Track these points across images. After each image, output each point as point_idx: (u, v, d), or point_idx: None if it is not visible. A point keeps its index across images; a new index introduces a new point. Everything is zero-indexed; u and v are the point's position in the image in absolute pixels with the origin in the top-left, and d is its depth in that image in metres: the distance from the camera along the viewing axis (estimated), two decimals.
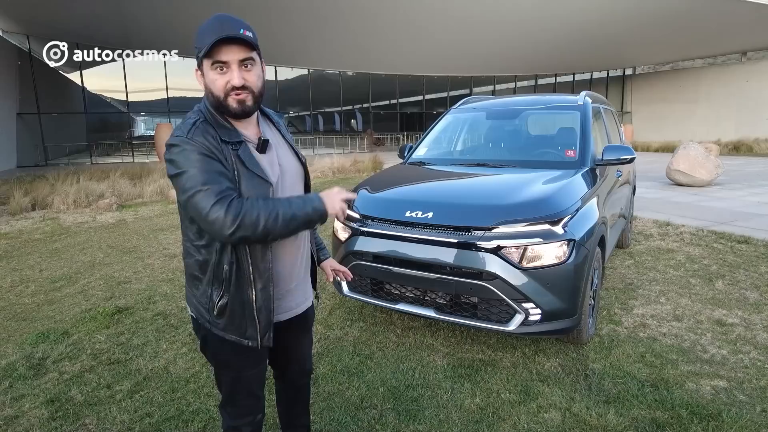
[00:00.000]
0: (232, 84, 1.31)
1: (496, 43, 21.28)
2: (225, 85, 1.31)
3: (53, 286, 4.40)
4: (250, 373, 1.54)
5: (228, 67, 1.31)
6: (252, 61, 1.34)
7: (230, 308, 1.40)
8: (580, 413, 2.33)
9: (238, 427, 1.57)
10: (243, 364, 1.51)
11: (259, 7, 15.40)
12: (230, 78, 1.31)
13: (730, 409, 2.33)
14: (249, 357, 1.50)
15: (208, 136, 1.30)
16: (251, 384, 1.56)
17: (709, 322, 3.36)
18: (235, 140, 1.34)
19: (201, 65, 1.34)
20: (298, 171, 1.56)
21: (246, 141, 1.38)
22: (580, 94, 4.15)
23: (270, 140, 1.45)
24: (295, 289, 1.57)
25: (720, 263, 4.65)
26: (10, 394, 2.60)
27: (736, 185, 10.19)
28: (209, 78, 1.33)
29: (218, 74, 1.32)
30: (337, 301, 3.87)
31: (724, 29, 20.50)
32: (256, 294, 1.40)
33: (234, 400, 1.56)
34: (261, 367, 1.58)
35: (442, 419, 2.34)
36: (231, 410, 1.57)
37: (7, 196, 8.78)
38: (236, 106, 1.33)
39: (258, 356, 1.54)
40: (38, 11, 15.65)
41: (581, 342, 2.99)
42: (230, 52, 1.29)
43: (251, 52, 1.33)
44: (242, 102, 1.33)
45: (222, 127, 1.35)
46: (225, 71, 1.31)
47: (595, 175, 3.40)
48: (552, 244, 2.61)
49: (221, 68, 1.31)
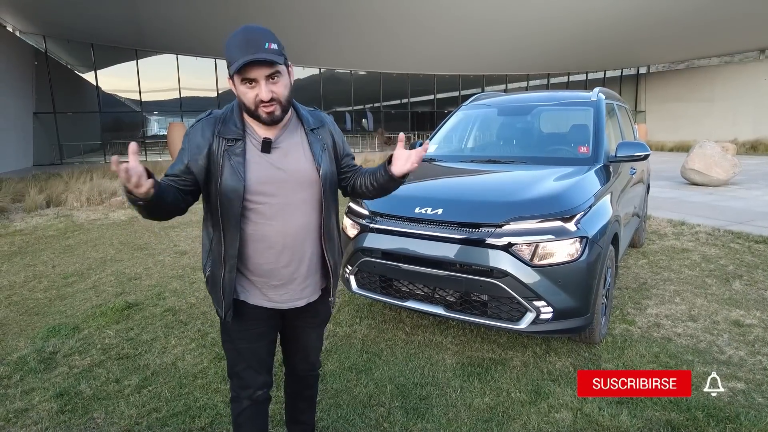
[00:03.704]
0: (261, 98, 1.42)
1: (508, 41, 21.12)
2: (254, 98, 1.43)
3: (65, 282, 4.45)
4: (245, 346, 1.65)
5: (256, 83, 1.42)
6: (278, 73, 1.44)
7: (211, 280, 1.60)
8: (592, 414, 2.28)
9: (239, 397, 1.70)
10: (239, 337, 1.65)
11: (271, 7, 15.47)
12: (258, 92, 1.42)
13: (748, 412, 2.26)
14: (245, 331, 1.63)
15: (205, 131, 1.50)
16: (249, 358, 1.66)
17: (726, 322, 3.28)
18: (231, 137, 1.49)
19: (232, 77, 1.44)
20: (306, 179, 1.56)
21: (250, 140, 1.51)
22: (594, 90, 4.08)
23: (281, 144, 1.54)
24: (282, 287, 1.61)
25: (737, 263, 4.54)
26: (21, 387, 2.62)
27: (753, 185, 9.98)
28: (240, 90, 1.45)
29: (248, 88, 1.43)
30: (345, 299, 3.85)
31: (741, 26, 20.09)
32: (224, 274, 1.55)
33: (234, 369, 1.69)
34: (259, 345, 1.67)
35: (450, 418, 2.30)
36: (234, 380, 1.71)
37: (23, 194, 8.93)
38: (266, 117, 1.46)
39: (254, 336, 1.65)
40: (54, 12, 15.88)
41: (593, 341, 2.93)
42: (257, 71, 1.40)
43: (277, 66, 1.43)
44: (271, 113, 1.46)
45: (231, 124, 1.51)
46: (254, 86, 1.42)
47: (609, 172, 3.34)
48: (564, 241, 2.56)
49: (250, 83, 1.42)
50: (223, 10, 15.62)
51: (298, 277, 1.61)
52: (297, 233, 1.56)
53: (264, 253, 1.55)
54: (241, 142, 1.49)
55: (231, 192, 1.47)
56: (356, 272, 3.14)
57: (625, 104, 5.08)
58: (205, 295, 3.97)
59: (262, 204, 1.50)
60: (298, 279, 1.62)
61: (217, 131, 1.49)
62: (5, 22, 17.16)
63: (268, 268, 1.57)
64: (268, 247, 1.55)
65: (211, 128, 1.50)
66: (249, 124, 1.53)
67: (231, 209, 1.48)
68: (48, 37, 19.03)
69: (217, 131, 1.49)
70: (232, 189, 1.47)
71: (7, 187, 9.58)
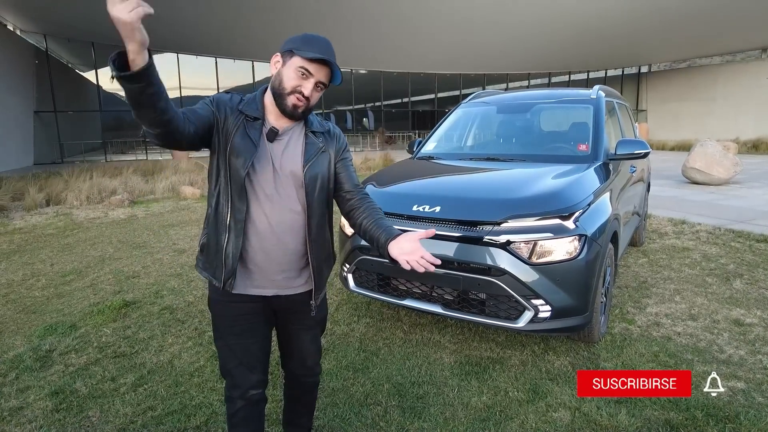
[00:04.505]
0: (301, 91, 1.49)
1: (510, 40, 21.07)
2: (296, 86, 1.49)
3: (63, 280, 4.44)
4: (235, 341, 1.63)
5: (308, 78, 1.49)
6: (324, 86, 1.54)
7: (208, 246, 1.59)
8: (590, 413, 2.26)
9: (232, 397, 1.67)
10: (229, 331, 1.63)
11: (271, 5, 15.44)
12: (303, 86, 1.49)
13: (748, 411, 2.24)
14: (236, 326, 1.62)
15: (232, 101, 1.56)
16: (241, 355, 1.64)
17: (726, 321, 3.26)
18: (252, 115, 1.54)
19: (288, 58, 1.49)
20: (293, 177, 1.57)
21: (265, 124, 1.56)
22: (594, 87, 4.06)
23: (284, 137, 1.58)
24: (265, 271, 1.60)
25: (738, 262, 4.52)
26: (16, 385, 2.61)
27: (755, 183, 9.94)
28: (288, 72, 1.49)
29: (298, 76, 1.49)
30: (344, 297, 3.83)
31: (743, 25, 20.02)
32: (228, 238, 1.54)
33: (226, 368, 1.67)
34: (250, 340, 1.65)
35: (447, 417, 2.29)
36: (227, 379, 1.68)
37: (23, 193, 8.92)
38: (291, 107, 1.51)
39: (245, 331, 1.63)
40: (55, 11, 15.88)
41: (592, 340, 2.91)
42: (320, 72, 1.50)
43: (328, 81, 1.54)
44: (297, 107, 1.52)
45: (253, 105, 1.56)
46: (304, 78, 1.49)
47: (608, 170, 3.31)
48: (563, 239, 2.54)
49: (304, 75, 1.48)
50: (224, 9, 15.61)
51: (282, 265, 1.61)
52: (280, 223, 1.56)
53: (251, 235, 1.56)
54: (260, 122, 1.55)
55: (240, 157, 1.49)
56: (354, 270, 3.12)
57: (626, 102, 5.05)
58: (202, 293, 3.96)
59: (258, 183, 1.52)
60: (281, 267, 1.61)
61: (240, 107, 1.54)
62: (6, 21, 17.17)
63: (253, 248, 1.57)
64: (255, 229, 1.56)
65: (237, 101, 1.56)
66: (267, 111, 1.58)
67: (238, 171, 1.49)
68: (49, 35, 19.04)
69: (241, 107, 1.54)
70: (242, 154, 1.49)
71: (7, 185, 9.57)
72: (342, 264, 3.21)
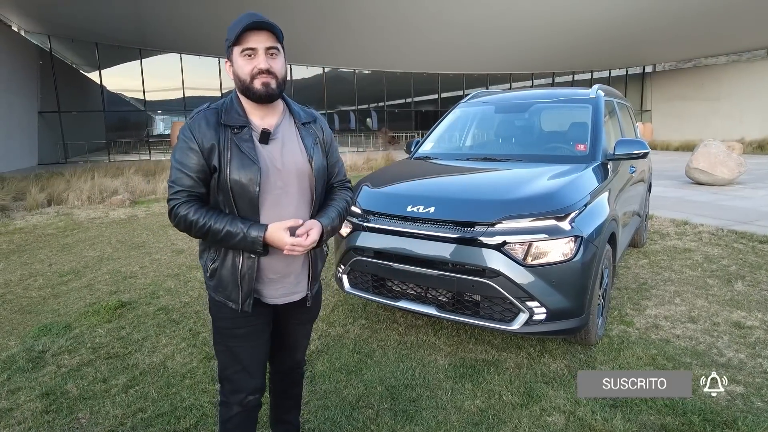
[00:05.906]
0: (259, 67, 1.43)
1: (513, 40, 20.99)
2: (252, 70, 1.44)
3: (60, 280, 4.43)
4: (239, 346, 1.59)
5: (255, 54, 1.44)
6: (277, 50, 1.47)
7: (219, 272, 1.53)
8: (584, 417, 2.23)
9: (229, 403, 1.63)
10: (234, 338, 1.59)
11: (274, 5, 15.43)
12: (257, 63, 1.44)
13: (746, 417, 2.19)
14: (239, 329, 1.58)
15: (209, 121, 1.47)
16: (243, 360, 1.60)
17: (726, 324, 3.21)
18: (237, 125, 1.48)
19: (231, 55, 1.47)
20: (300, 171, 1.55)
21: (252, 128, 1.50)
22: (593, 87, 4.01)
23: (277, 135, 1.54)
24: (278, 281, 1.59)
25: (740, 263, 4.46)
26: (7, 386, 2.60)
27: (759, 184, 9.85)
28: (237, 65, 1.46)
29: (246, 60, 1.44)
30: (339, 298, 3.81)
31: (748, 25, 19.86)
32: (242, 262, 1.51)
33: (225, 373, 1.63)
34: (254, 345, 1.61)
35: (440, 420, 2.25)
36: (225, 385, 1.64)
37: (24, 192, 8.94)
38: (261, 88, 1.45)
39: (250, 333, 1.59)
40: (59, 12, 15.94)
41: (589, 343, 2.87)
42: (258, 40, 1.43)
43: (277, 42, 1.46)
44: (267, 84, 1.45)
45: (233, 112, 1.49)
46: (252, 57, 1.44)
47: (607, 170, 3.27)
48: (558, 240, 2.50)
49: (249, 54, 1.44)
50: (227, 9, 15.60)
51: (294, 270, 1.60)
52: None
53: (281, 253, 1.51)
54: (247, 129, 1.49)
55: (245, 178, 1.44)
56: (349, 271, 3.09)
57: (627, 102, 5.00)
58: (199, 294, 3.94)
59: (265, 191, 1.49)
60: (293, 272, 1.60)
61: (222, 120, 1.48)
62: (10, 22, 17.25)
63: (265, 260, 1.54)
64: None
65: (215, 118, 1.48)
66: (249, 113, 1.52)
67: (246, 195, 1.46)
68: (53, 36, 19.13)
69: (222, 120, 1.48)
70: (246, 175, 1.44)
71: (9, 185, 9.61)
72: (337, 265, 3.18)
